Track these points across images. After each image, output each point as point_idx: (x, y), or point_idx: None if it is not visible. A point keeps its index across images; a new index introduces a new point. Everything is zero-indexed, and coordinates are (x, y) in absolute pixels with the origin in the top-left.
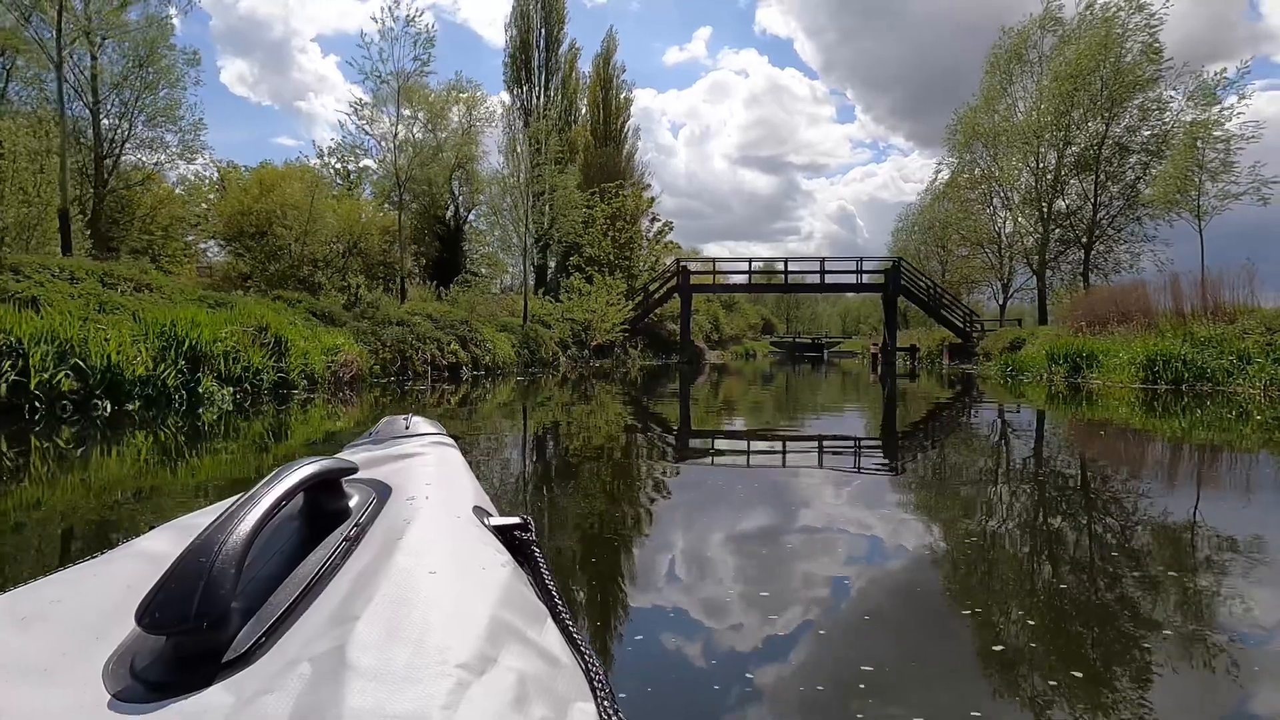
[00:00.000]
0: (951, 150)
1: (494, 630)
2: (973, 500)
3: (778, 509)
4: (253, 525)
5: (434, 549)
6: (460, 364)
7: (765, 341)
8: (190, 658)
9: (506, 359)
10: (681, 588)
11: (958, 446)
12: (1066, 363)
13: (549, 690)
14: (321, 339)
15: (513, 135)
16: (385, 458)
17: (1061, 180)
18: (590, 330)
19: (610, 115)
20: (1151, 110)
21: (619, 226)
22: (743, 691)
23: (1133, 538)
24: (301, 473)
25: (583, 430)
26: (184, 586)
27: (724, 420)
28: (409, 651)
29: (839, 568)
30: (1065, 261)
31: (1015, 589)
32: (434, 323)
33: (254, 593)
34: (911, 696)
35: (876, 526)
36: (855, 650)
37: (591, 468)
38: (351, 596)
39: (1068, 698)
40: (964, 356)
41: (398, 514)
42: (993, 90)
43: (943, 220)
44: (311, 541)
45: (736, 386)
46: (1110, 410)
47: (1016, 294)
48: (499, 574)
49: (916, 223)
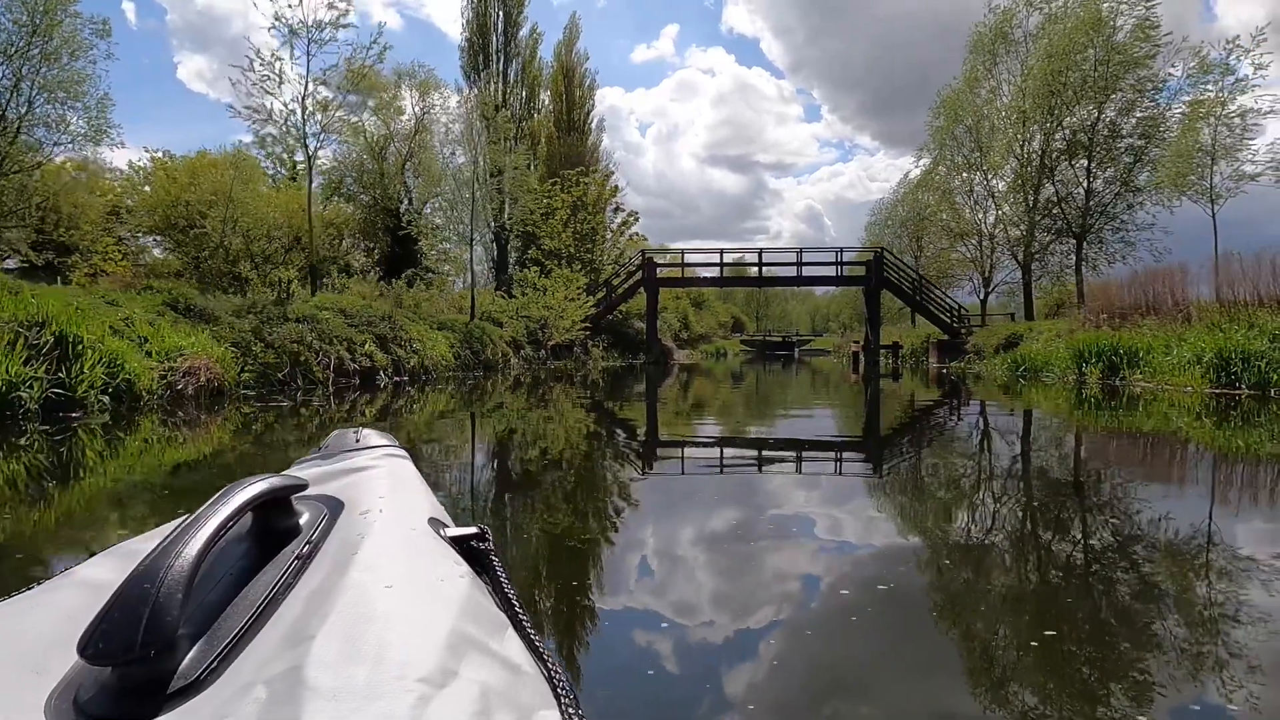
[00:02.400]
0: (932, 135)
1: (454, 642)
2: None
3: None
4: (199, 548)
5: (390, 563)
6: (377, 368)
7: (736, 340)
8: (137, 688)
9: (441, 361)
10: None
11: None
12: (1100, 361)
13: (512, 700)
14: (165, 339)
15: (470, 123)
16: (336, 472)
17: (1050, 165)
18: (548, 328)
19: (573, 105)
20: (1147, 89)
21: (580, 218)
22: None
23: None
24: (249, 491)
25: (515, 458)
26: (128, 615)
27: (695, 429)
28: (368, 668)
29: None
30: (1052, 254)
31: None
32: (347, 319)
33: (203, 618)
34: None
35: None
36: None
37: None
38: (306, 615)
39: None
40: (953, 354)
41: (351, 529)
42: (976, 72)
43: (919, 212)
44: (262, 562)
45: (707, 389)
46: (1213, 430)
47: (995, 289)
48: (457, 585)
49: (890, 216)
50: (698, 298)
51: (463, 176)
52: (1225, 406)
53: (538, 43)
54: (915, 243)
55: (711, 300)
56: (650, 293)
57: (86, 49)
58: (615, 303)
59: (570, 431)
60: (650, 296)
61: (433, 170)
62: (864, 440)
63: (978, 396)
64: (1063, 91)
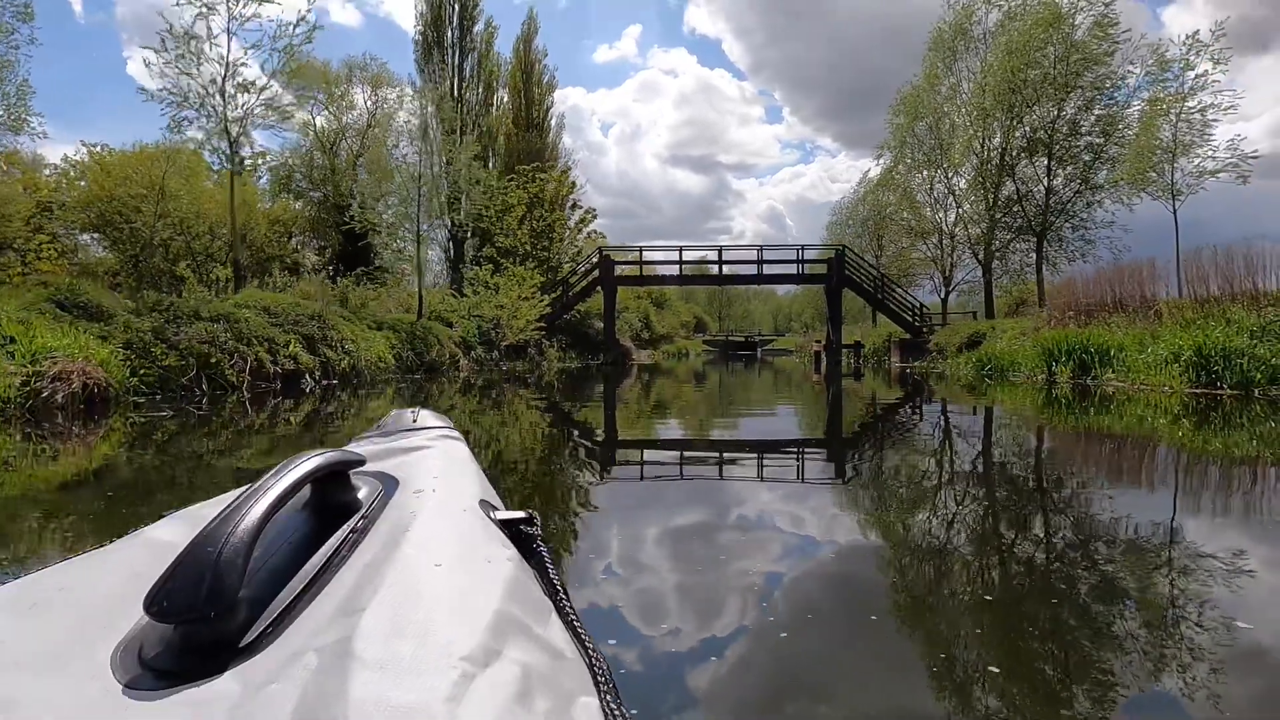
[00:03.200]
0: (893, 133)
1: (498, 624)
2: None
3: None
4: (259, 516)
5: (440, 542)
6: (303, 371)
7: (698, 340)
8: (198, 647)
9: (380, 363)
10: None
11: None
12: (1071, 360)
13: (553, 683)
14: (36, 340)
15: (422, 115)
16: (392, 450)
17: (1010, 163)
18: (501, 328)
19: (532, 101)
20: (1105, 87)
21: (537, 215)
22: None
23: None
24: (309, 464)
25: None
26: (192, 576)
27: (652, 433)
28: (414, 644)
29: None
30: (1013, 252)
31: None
32: (270, 318)
33: (261, 583)
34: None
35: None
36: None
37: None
38: (358, 589)
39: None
40: (915, 353)
41: (404, 507)
42: (935, 69)
43: (880, 211)
44: (319, 533)
45: (666, 391)
46: (1196, 431)
47: (956, 288)
48: (504, 568)
49: (851, 216)
50: (659, 298)
51: (409, 171)
52: (1207, 407)
53: (494, 37)
54: (876, 242)
55: (674, 300)
56: (608, 291)
57: (7, 33)
58: (571, 302)
59: (515, 441)
60: (608, 295)
61: (382, 164)
62: (827, 443)
63: (941, 396)
64: (1023, 89)
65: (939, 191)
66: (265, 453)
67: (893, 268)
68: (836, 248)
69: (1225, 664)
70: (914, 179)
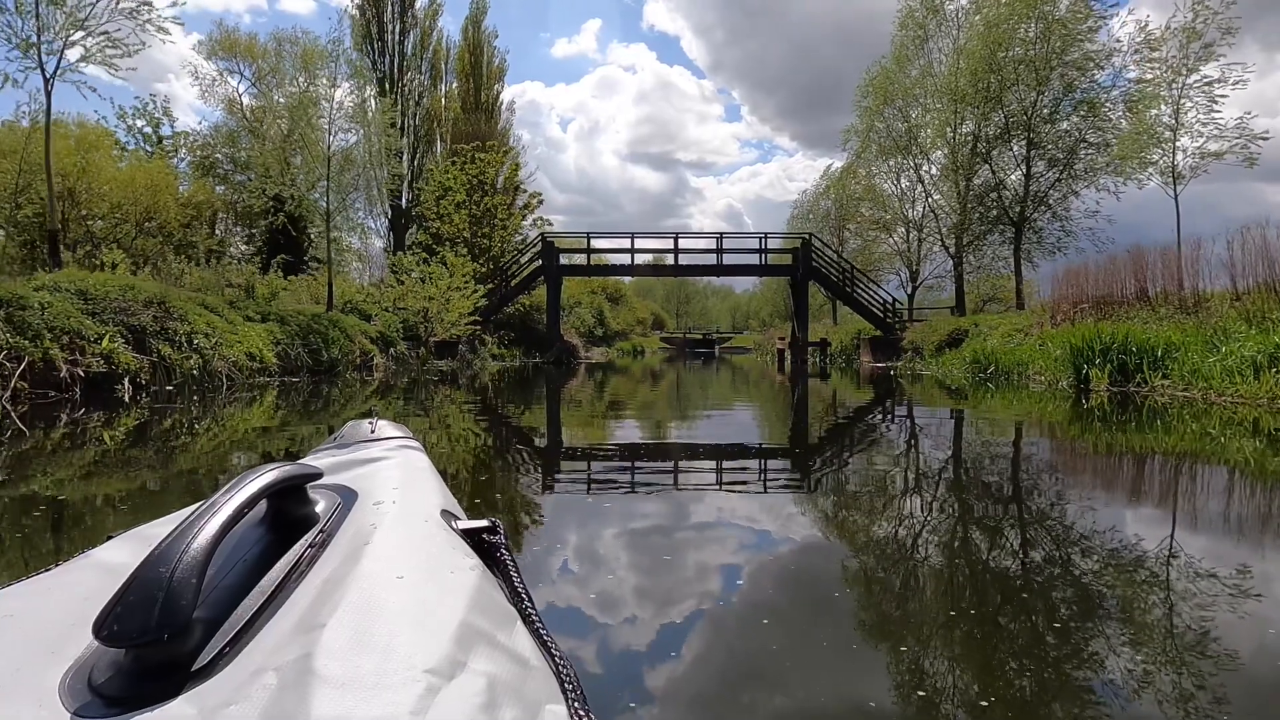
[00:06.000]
0: (860, 116)
1: (463, 634)
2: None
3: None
4: (214, 533)
5: (401, 554)
6: (121, 373)
7: (655, 337)
8: (151, 670)
9: (253, 362)
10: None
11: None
12: (1109, 362)
13: (519, 693)
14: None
15: (362, 99)
16: (350, 462)
17: (986, 149)
18: (430, 322)
19: (481, 83)
20: (1089, 68)
21: (475, 199)
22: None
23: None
24: (264, 479)
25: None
26: (143, 597)
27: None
28: (377, 658)
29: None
30: (987, 244)
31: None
32: (86, 303)
33: (217, 602)
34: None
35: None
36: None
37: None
38: (318, 604)
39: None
40: (889, 352)
41: (364, 519)
42: (905, 49)
43: (843, 204)
44: (276, 549)
45: (617, 394)
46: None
47: (922, 283)
48: (468, 578)
49: (813, 209)
50: (614, 292)
51: (315, 141)
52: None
53: (437, 14)
54: (838, 236)
55: (630, 296)
56: (551, 282)
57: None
58: (511, 294)
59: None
60: (551, 287)
61: (312, 145)
62: (836, 484)
63: (941, 404)
64: (1001, 69)
65: (908, 180)
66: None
67: (857, 262)
68: (802, 236)
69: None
70: (882, 166)
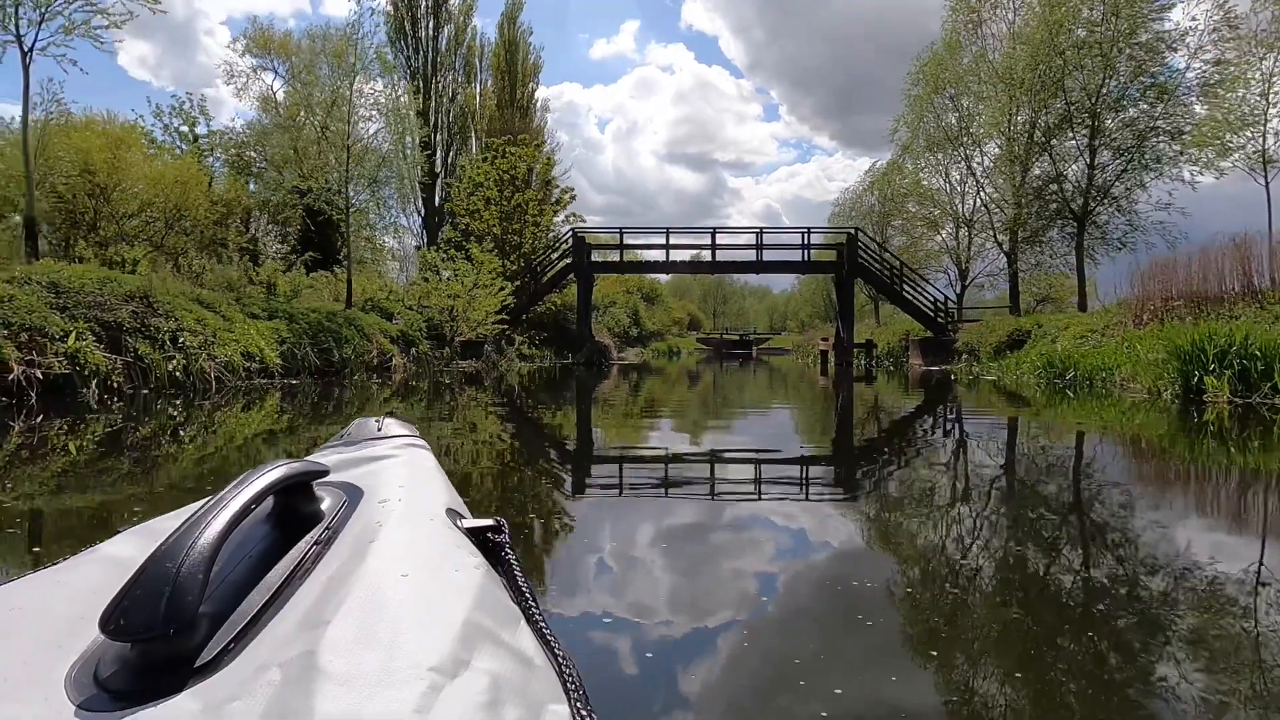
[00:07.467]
0: (909, 105)
1: (467, 633)
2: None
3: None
4: (220, 529)
5: (407, 552)
6: (87, 375)
7: (691, 338)
8: (156, 665)
9: (251, 363)
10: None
11: None
12: (1229, 368)
13: (522, 692)
14: None
15: (393, 95)
16: (357, 460)
17: (1045, 137)
18: (456, 320)
19: (516, 80)
20: (1160, 49)
21: (506, 195)
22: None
23: None
24: (271, 476)
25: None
26: (150, 592)
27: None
28: (381, 656)
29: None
30: (1045, 240)
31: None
32: (57, 297)
33: (223, 598)
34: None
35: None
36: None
37: None
38: (323, 601)
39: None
40: (940, 354)
41: (370, 517)
42: (957, 34)
43: (888, 198)
44: (282, 545)
45: (644, 403)
46: None
47: (972, 282)
48: (472, 576)
49: (855, 205)
50: (650, 292)
51: (342, 140)
52: None
53: (471, 10)
54: (881, 233)
55: (665, 295)
56: (583, 280)
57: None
58: (540, 291)
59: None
60: (582, 284)
61: (346, 143)
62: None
63: (1030, 416)
64: (1063, 52)
65: (958, 174)
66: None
67: (902, 259)
68: (848, 231)
69: None
70: (930, 160)
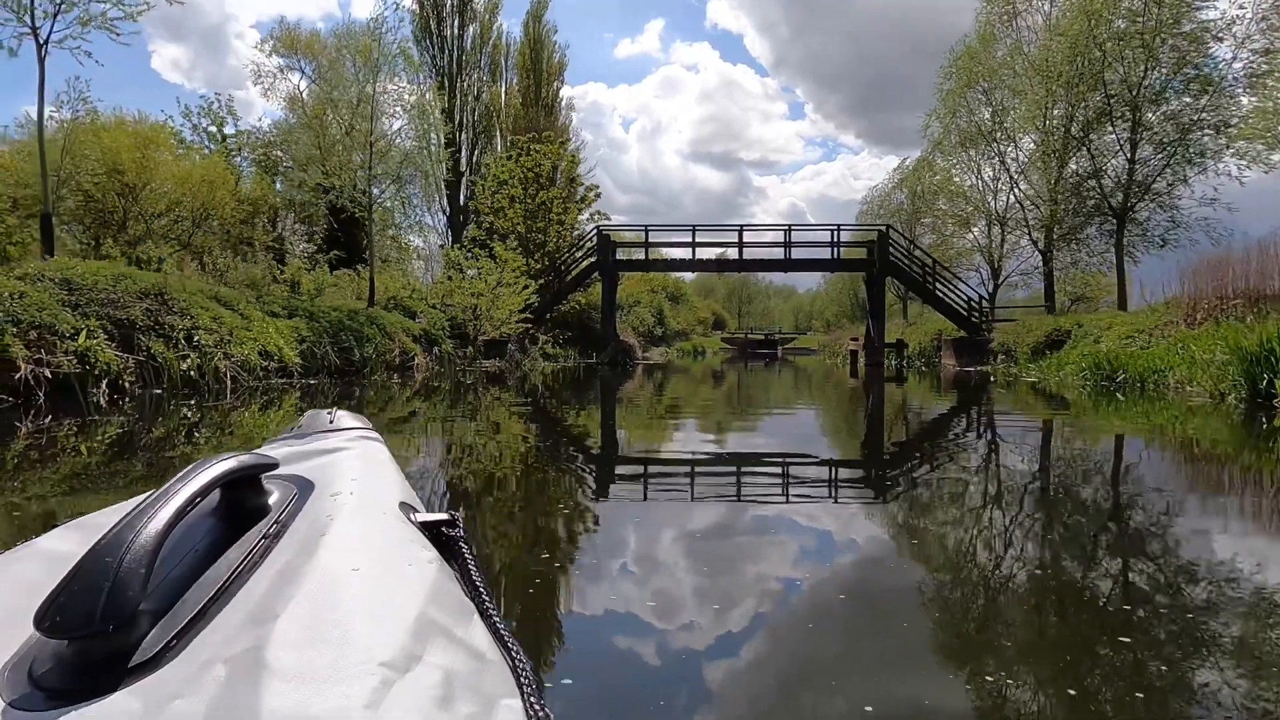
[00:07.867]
0: (942, 101)
1: (419, 628)
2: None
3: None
4: (164, 523)
5: (358, 546)
6: (99, 374)
7: (716, 337)
8: (95, 663)
9: (269, 363)
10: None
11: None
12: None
13: (475, 687)
14: None
15: (420, 92)
16: (308, 453)
17: (1083, 131)
18: (480, 319)
19: (541, 79)
20: (1205, 39)
21: (530, 192)
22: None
23: None
24: (217, 468)
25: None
26: (88, 587)
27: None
28: (331, 651)
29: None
30: (1082, 237)
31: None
32: (70, 294)
33: (165, 594)
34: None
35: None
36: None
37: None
38: (271, 595)
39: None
40: (974, 355)
41: (320, 510)
42: (992, 27)
43: (919, 194)
44: (229, 540)
45: (665, 405)
46: None
47: (1005, 281)
48: (425, 571)
49: (884, 204)
50: (674, 291)
51: (366, 137)
52: None
53: (496, 9)
54: (911, 231)
55: (690, 295)
56: (607, 278)
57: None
58: (565, 290)
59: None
60: (607, 283)
61: (370, 141)
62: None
63: (1097, 420)
64: (1103, 44)
65: (991, 170)
66: None
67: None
68: (879, 228)
69: None
70: (961, 156)
